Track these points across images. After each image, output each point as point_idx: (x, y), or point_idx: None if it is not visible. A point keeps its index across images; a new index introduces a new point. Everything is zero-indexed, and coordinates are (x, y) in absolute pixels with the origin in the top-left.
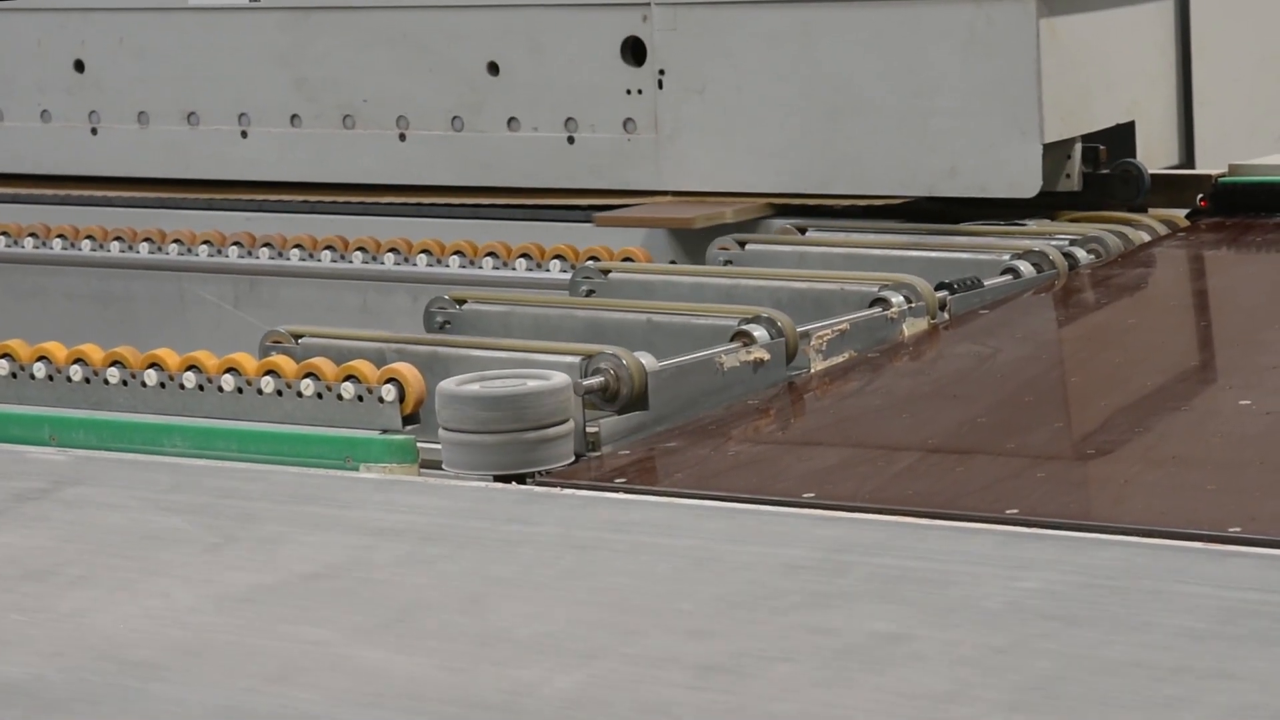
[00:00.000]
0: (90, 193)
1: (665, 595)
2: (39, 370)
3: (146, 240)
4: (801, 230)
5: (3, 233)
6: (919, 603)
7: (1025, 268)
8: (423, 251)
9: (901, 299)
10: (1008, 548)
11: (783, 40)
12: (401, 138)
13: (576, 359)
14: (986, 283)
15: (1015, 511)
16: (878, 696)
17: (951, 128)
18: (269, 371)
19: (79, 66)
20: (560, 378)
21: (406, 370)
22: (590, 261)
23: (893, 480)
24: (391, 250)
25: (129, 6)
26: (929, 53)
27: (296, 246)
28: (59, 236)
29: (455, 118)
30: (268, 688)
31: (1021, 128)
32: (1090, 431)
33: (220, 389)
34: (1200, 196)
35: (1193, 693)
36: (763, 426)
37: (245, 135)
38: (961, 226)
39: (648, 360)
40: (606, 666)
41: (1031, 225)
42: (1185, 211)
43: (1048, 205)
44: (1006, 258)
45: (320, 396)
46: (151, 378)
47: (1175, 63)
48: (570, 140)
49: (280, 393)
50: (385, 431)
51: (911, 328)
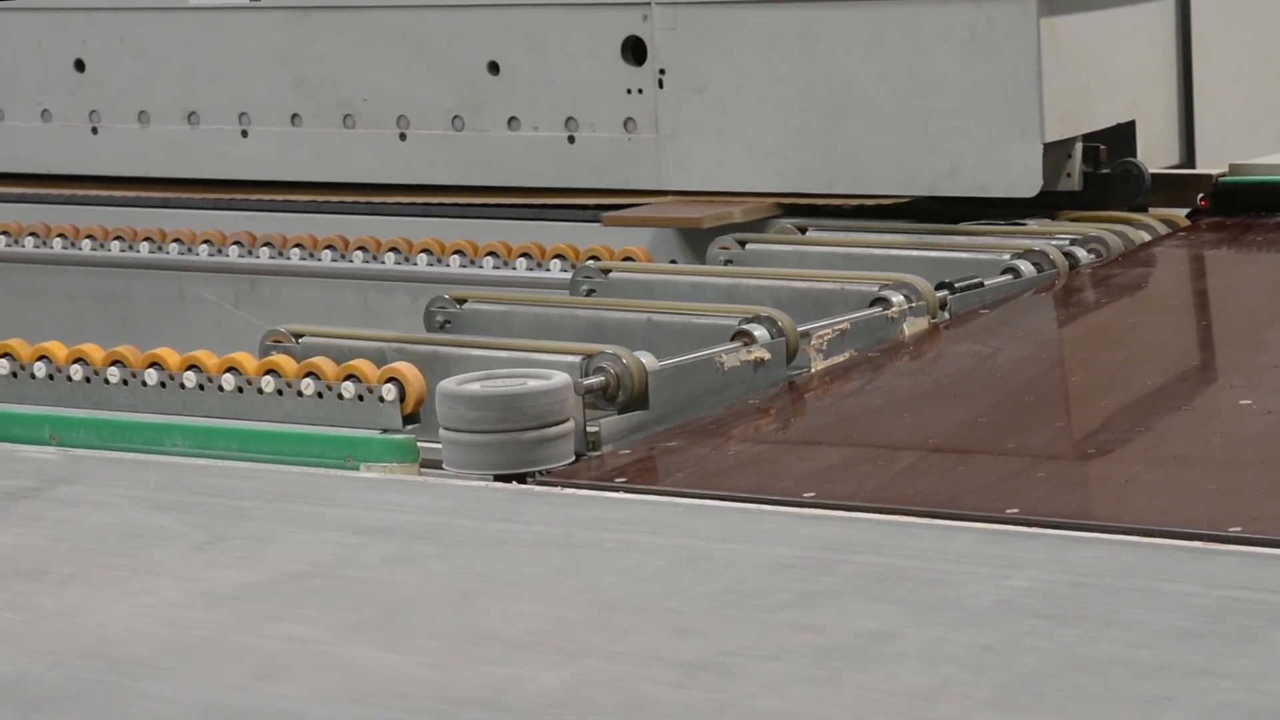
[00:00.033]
0: (91, 192)
1: (653, 594)
2: (39, 370)
3: (147, 240)
4: (801, 230)
5: (3, 232)
6: (906, 601)
7: (1025, 267)
8: (423, 251)
9: (902, 298)
10: (996, 546)
11: (783, 40)
12: (402, 137)
13: (577, 358)
14: (987, 282)
15: (1015, 511)
16: (864, 694)
17: (952, 128)
18: (269, 371)
19: (79, 66)
20: (560, 377)
21: (407, 370)
22: (591, 261)
23: (893, 480)
24: (392, 250)
25: (129, 6)
26: (929, 53)
27: (297, 246)
28: (59, 236)
29: (455, 117)
30: (254, 685)
31: (1022, 127)
32: (1091, 431)
33: (221, 388)
34: (1201, 196)
35: (1176, 690)
36: (763, 426)
37: (245, 135)
38: (962, 226)
39: (648, 360)
40: (593, 664)
41: (1032, 225)
42: (1186, 211)
43: (1048, 205)
44: (1007, 257)
45: (321, 396)
46: (152, 377)
47: (1176, 62)
48: (571, 140)
49: (281, 392)
50: (386, 431)
51: (912, 327)
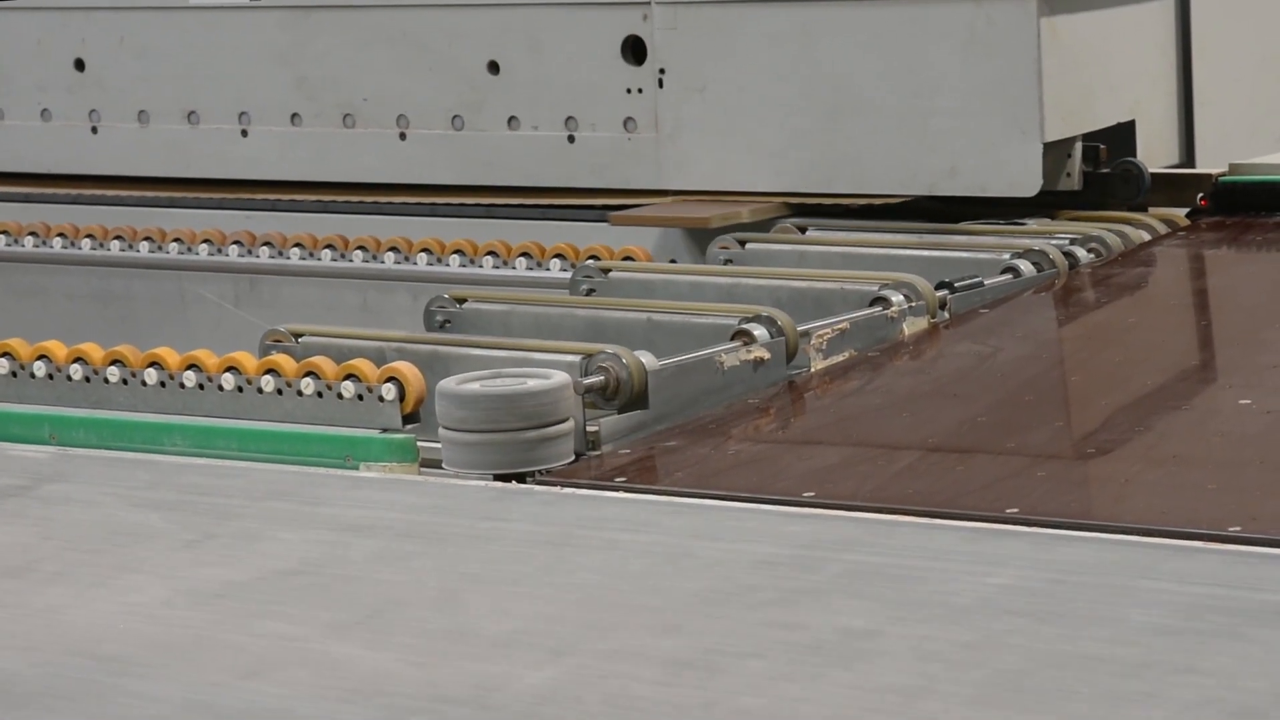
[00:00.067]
0: (90, 191)
1: (637, 591)
2: (39, 369)
3: (147, 239)
4: (801, 229)
5: (3, 232)
6: (889, 599)
7: (1025, 267)
8: (423, 250)
9: (901, 298)
10: (978, 544)
11: (783, 40)
12: (402, 137)
13: (577, 358)
14: (987, 282)
15: (1015, 510)
16: (846, 692)
17: (952, 127)
18: (269, 370)
19: (79, 65)
20: (560, 376)
21: (407, 369)
22: (590, 260)
23: (893, 479)
24: (392, 249)
25: (129, 5)
26: (929, 52)
27: (297, 245)
28: (59, 235)
29: (455, 117)
30: (240, 683)
31: (1022, 127)
32: (1091, 431)
33: (220, 388)
34: (1200, 196)
35: (1157, 688)
36: (763, 425)
37: (245, 134)
38: (961, 226)
39: (648, 359)
40: (577, 662)
41: (1032, 224)
42: (1185, 211)
43: (1048, 204)
44: (1006, 257)
45: (320, 395)
46: (151, 377)
47: (1176, 62)
48: (570, 139)
49: (280, 392)
50: (385, 430)
51: (911, 327)
